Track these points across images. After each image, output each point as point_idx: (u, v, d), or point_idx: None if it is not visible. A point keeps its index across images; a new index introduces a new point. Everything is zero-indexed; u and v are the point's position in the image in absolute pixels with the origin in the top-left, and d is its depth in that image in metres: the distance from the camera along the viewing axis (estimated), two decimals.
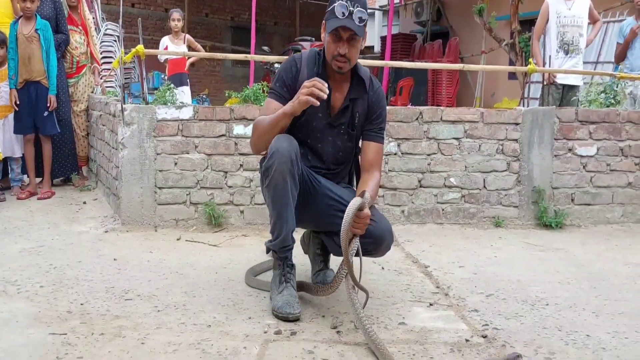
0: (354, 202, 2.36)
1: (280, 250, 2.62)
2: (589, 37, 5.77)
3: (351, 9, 2.47)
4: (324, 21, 2.58)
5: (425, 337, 2.38)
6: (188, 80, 7.31)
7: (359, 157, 2.78)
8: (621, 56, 6.08)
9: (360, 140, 2.77)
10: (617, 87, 5.12)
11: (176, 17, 7.06)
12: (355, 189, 2.80)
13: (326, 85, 2.40)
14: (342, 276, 2.48)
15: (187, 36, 7.31)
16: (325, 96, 2.38)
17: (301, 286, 2.76)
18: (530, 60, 5.24)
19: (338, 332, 2.40)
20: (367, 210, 2.42)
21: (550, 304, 2.80)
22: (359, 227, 2.42)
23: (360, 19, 2.49)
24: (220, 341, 2.28)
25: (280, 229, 2.55)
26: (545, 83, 5.57)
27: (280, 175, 2.43)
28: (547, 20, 5.65)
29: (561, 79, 5.58)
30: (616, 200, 4.60)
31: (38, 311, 2.55)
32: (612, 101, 4.94)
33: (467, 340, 2.35)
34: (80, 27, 5.92)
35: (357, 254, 2.49)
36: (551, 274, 3.31)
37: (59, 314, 2.52)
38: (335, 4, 2.49)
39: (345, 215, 2.35)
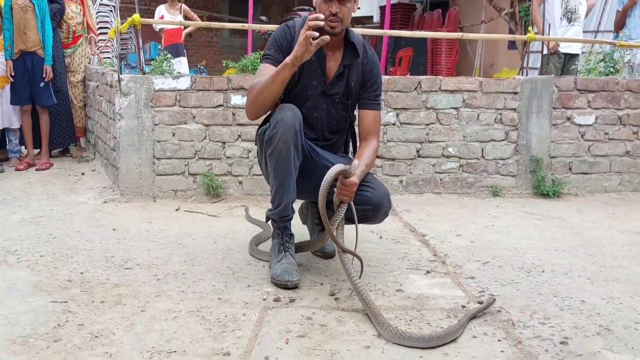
0: (334, 168, 2.36)
1: (280, 220, 2.63)
2: (589, 4, 5.75)
3: None
4: None
5: (422, 303, 2.41)
6: (184, 51, 7.24)
7: (355, 125, 2.77)
8: (620, 24, 6.06)
9: (357, 109, 2.76)
10: (615, 55, 5.09)
11: None
12: (352, 157, 2.79)
13: (322, 16, 2.35)
14: (327, 237, 2.55)
15: (184, 6, 7.21)
16: (321, 24, 2.30)
17: (297, 247, 2.79)
18: (530, 28, 5.19)
19: (336, 299, 2.43)
20: (354, 178, 2.41)
21: (546, 270, 2.82)
22: (345, 195, 2.43)
23: None
24: (220, 308, 2.30)
25: (281, 199, 2.56)
26: (547, 52, 5.54)
27: (285, 144, 2.43)
28: None
29: (564, 48, 5.55)
30: (614, 169, 4.61)
31: (38, 280, 2.57)
32: (612, 70, 4.91)
33: (463, 307, 2.37)
34: None
35: (352, 222, 2.50)
36: (547, 241, 3.33)
37: (59, 283, 2.54)
38: None
39: (324, 179, 2.36)
